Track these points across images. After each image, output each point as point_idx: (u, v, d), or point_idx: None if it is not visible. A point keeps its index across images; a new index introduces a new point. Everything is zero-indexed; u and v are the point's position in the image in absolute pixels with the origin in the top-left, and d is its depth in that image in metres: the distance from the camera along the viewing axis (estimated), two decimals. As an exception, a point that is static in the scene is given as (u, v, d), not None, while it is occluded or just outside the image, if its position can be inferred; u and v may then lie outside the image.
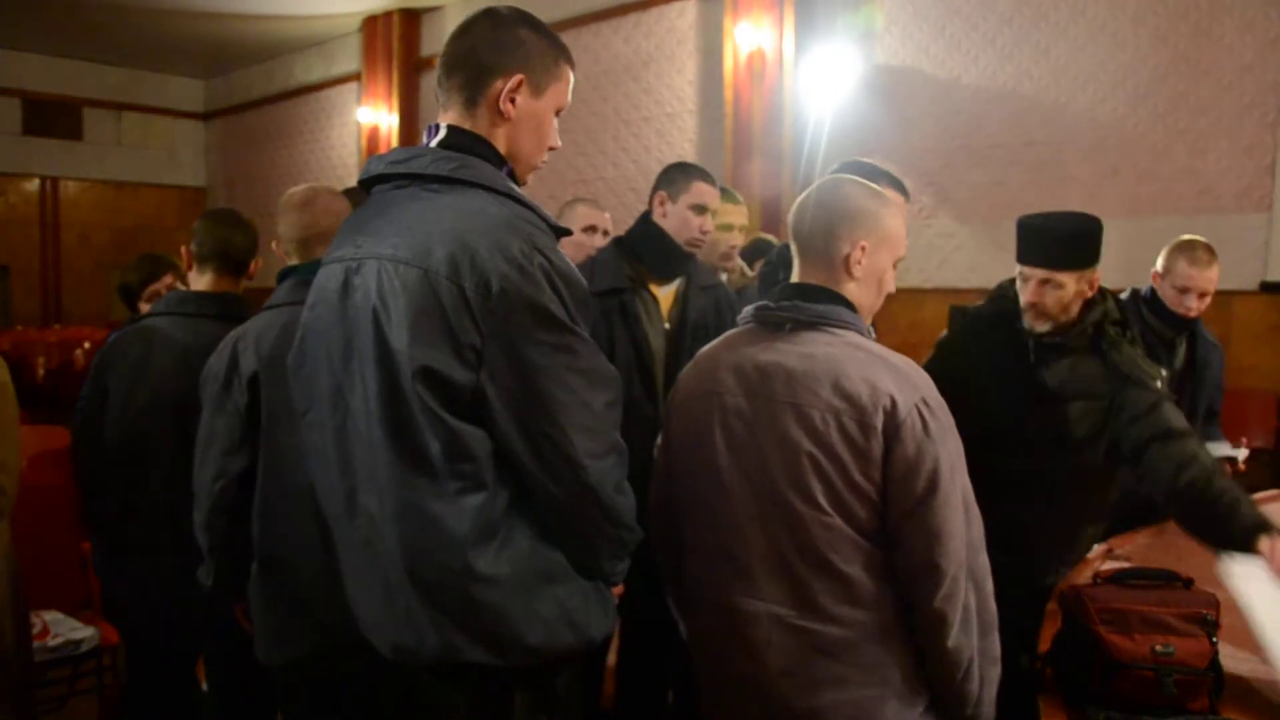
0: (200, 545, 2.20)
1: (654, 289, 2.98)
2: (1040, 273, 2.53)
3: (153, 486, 2.56)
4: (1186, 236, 3.44)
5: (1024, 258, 2.58)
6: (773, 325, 1.82)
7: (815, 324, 1.78)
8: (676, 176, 2.99)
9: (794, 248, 1.87)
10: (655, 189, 3.01)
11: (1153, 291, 3.42)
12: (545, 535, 1.66)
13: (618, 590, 1.86)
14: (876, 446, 1.67)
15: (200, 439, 2.22)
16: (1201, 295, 3.33)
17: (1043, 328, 2.56)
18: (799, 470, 1.70)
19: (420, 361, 1.55)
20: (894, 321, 7.32)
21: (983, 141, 7.20)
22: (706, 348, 1.95)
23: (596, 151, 9.36)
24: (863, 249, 1.80)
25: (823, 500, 1.69)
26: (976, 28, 7.21)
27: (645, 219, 3.01)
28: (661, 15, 8.98)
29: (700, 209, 2.94)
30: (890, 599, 1.73)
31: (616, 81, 9.35)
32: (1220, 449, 3.36)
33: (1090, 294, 2.57)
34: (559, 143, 1.82)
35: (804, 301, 1.79)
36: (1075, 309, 2.57)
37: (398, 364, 1.57)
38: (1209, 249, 3.36)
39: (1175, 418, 2.41)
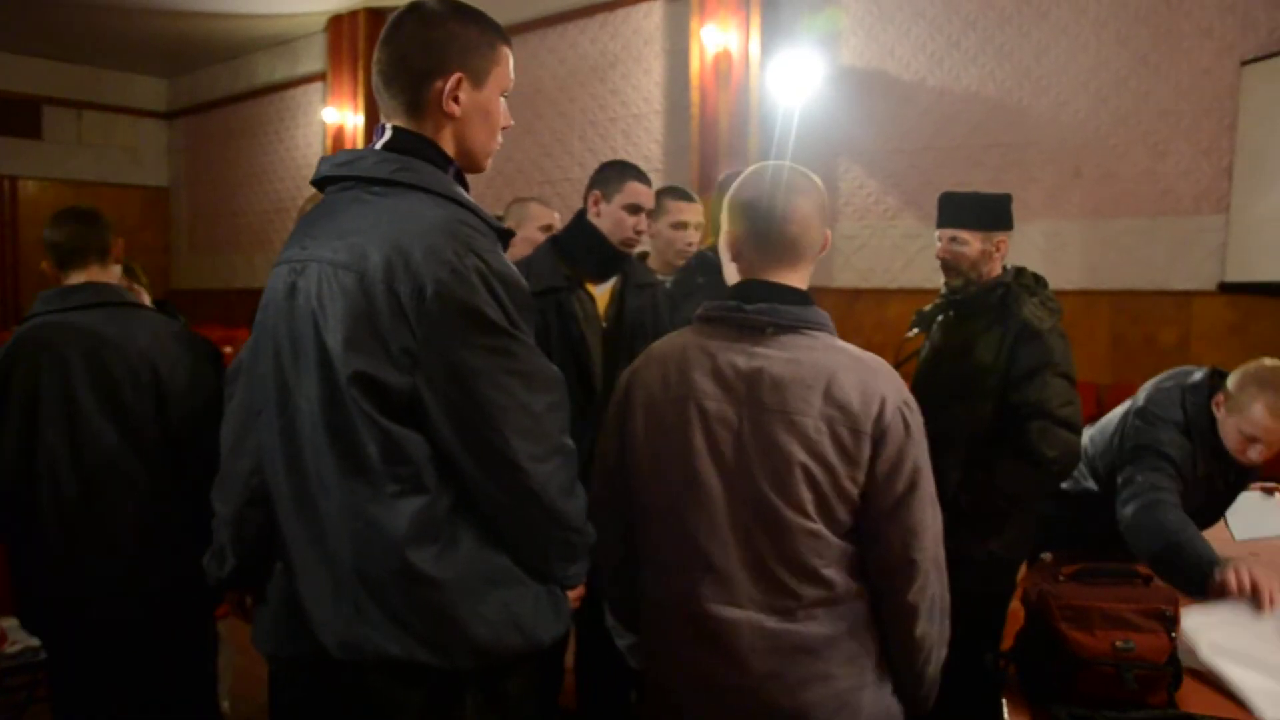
0: (220, 537, 2.15)
1: (590, 288, 2.98)
2: (948, 232, 2.93)
3: (63, 488, 2.48)
4: (1270, 364, 2.71)
5: (938, 224, 2.98)
6: (749, 328, 1.78)
7: (795, 327, 1.76)
8: (611, 176, 2.97)
9: (759, 246, 1.81)
10: (590, 188, 2.99)
11: (1210, 416, 2.80)
12: (491, 539, 1.66)
13: (577, 593, 1.85)
14: (865, 450, 1.68)
15: (231, 431, 2.18)
16: (1268, 447, 2.70)
17: (955, 282, 2.94)
18: (790, 480, 1.69)
19: (355, 366, 1.56)
20: (859, 321, 7.36)
21: (947, 143, 7.25)
22: (663, 345, 1.90)
23: (563, 153, 9.35)
24: (826, 237, 1.85)
25: (811, 509, 1.69)
26: (941, 30, 7.27)
27: (580, 218, 3.00)
28: (628, 16, 8.98)
29: (634, 209, 2.93)
30: (864, 593, 1.77)
31: (583, 82, 9.35)
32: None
33: (997, 255, 2.91)
34: (511, 120, 1.82)
35: (781, 304, 1.76)
36: (986, 269, 2.91)
37: (334, 368, 1.58)
38: None
39: (1055, 396, 2.71)
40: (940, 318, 3.05)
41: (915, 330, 3.14)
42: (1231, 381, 2.73)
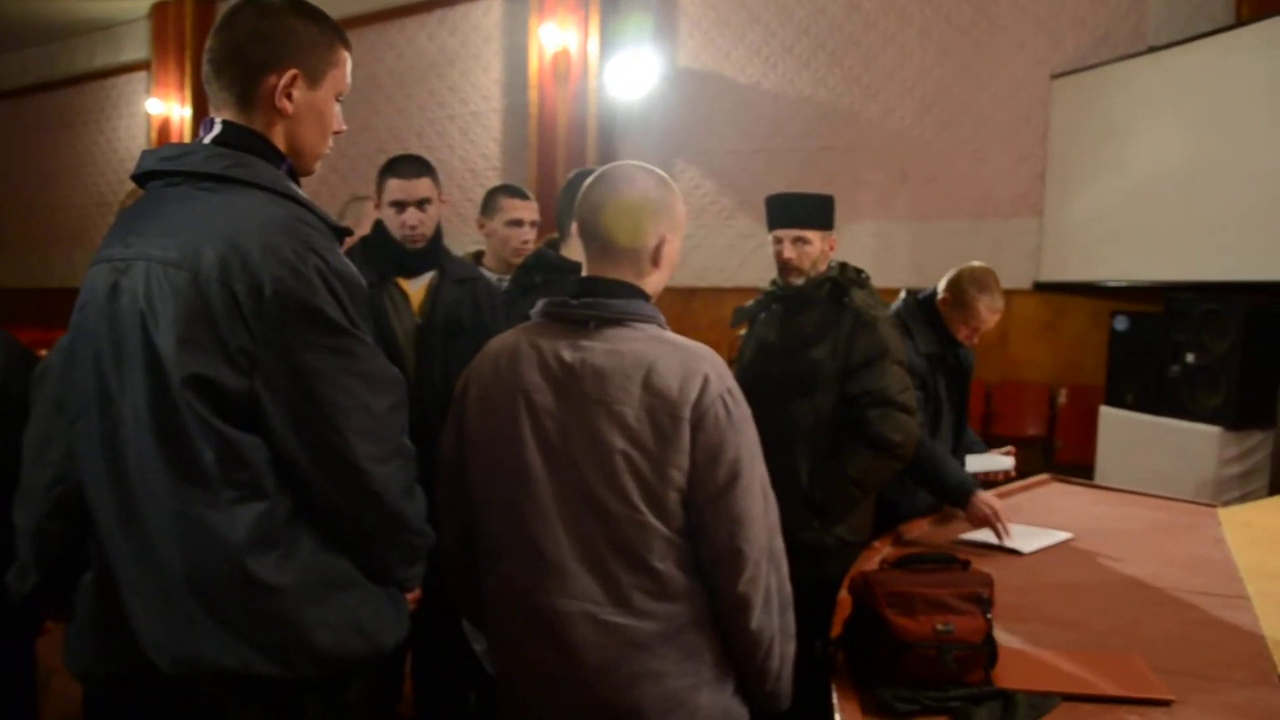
0: (21, 552, 2.03)
1: (403, 284, 2.98)
2: (793, 232, 2.97)
3: None
4: (978, 266, 3.33)
5: (777, 224, 3.01)
6: (574, 322, 1.80)
7: (620, 320, 1.78)
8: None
9: (588, 244, 1.85)
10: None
11: (931, 305, 3.34)
12: (331, 542, 1.62)
13: (414, 595, 1.83)
14: (685, 436, 1.69)
15: (33, 440, 2.06)
16: (983, 333, 3.36)
17: (797, 282, 2.99)
18: (613, 470, 1.70)
19: (189, 368, 1.50)
20: (695, 320, 7.48)
21: (781, 145, 7.43)
22: (497, 342, 1.90)
23: (399, 149, 9.12)
24: (664, 240, 1.82)
25: (637, 499, 1.70)
26: (775, 35, 7.44)
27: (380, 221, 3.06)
28: (467, 13, 8.90)
29: (399, 205, 3.02)
30: (699, 590, 1.77)
31: (421, 79, 9.22)
32: (990, 462, 3.43)
33: (830, 254, 3.02)
34: (344, 126, 1.77)
35: (605, 298, 1.78)
36: (822, 266, 3.00)
37: (166, 371, 1.51)
38: (999, 284, 3.31)
39: (894, 384, 2.87)
40: (763, 314, 3.12)
41: (745, 328, 3.21)
42: (951, 286, 3.30)
